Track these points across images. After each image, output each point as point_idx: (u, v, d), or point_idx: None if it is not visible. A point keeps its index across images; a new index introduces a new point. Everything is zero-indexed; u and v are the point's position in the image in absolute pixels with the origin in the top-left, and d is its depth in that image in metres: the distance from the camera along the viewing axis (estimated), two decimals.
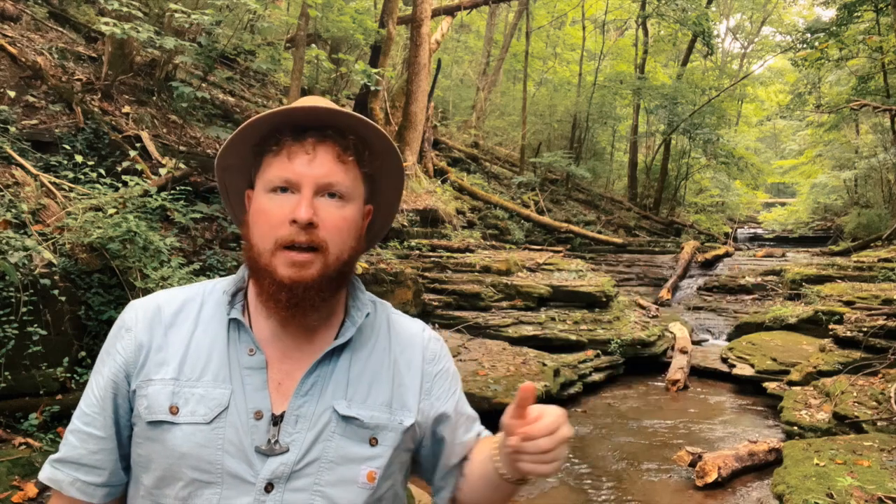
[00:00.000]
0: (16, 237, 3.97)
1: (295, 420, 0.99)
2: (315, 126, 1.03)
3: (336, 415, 1.01)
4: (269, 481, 0.96)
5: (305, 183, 0.99)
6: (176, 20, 6.42)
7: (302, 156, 1.00)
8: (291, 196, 0.99)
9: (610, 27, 23.36)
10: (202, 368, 1.00)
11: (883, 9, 13.24)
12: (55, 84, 6.05)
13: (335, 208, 1.01)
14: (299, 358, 1.04)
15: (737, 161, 19.87)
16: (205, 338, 1.03)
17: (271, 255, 0.99)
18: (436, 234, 10.61)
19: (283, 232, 0.98)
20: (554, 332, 8.07)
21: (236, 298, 1.07)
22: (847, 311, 7.83)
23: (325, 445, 0.99)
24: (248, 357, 1.02)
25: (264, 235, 1.00)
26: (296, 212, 0.97)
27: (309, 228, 0.98)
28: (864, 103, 12.15)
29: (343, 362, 1.05)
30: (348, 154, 1.03)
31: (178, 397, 0.98)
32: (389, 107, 12.22)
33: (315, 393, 1.01)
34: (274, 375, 1.02)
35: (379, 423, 1.03)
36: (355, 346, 1.07)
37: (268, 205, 1.00)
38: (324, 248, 0.99)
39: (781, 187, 30.62)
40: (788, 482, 4.11)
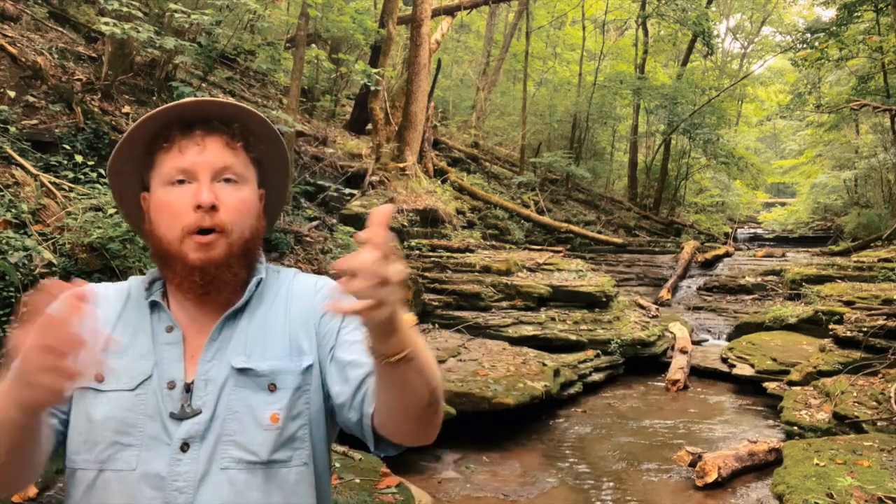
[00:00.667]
0: (16, 237, 3.97)
1: (204, 384, 1.07)
2: (200, 119, 1.11)
3: (233, 370, 1.08)
4: (185, 441, 1.04)
5: (201, 170, 1.08)
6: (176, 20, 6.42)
7: (193, 147, 1.08)
8: (190, 185, 1.07)
9: (610, 27, 23.36)
10: (127, 344, 1.09)
11: (883, 9, 13.24)
12: (55, 84, 6.05)
13: (232, 191, 1.10)
14: (208, 331, 1.12)
15: (737, 161, 19.88)
16: (131, 319, 1.12)
17: (180, 242, 1.07)
18: (436, 234, 10.61)
19: (189, 219, 1.06)
20: (554, 332, 8.07)
21: (154, 286, 1.15)
22: (847, 311, 7.83)
23: (228, 399, 1.06)
24: (167, 334, 1.11)
25: (171, 226, 1.07)
26: (198, 197, 1.05)
27: (212, 212, 1.06)
28: (864, 103, 12.15)
29: (242, 324, 1.13)
30: (236, 141, 1.12)
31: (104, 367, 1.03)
32: (389, 107, 12.22)
33: (219, 357, 1.09)
34: (189, 349, 1.10)
35: (275, 369, 1.09)
36: (252, 308, 1.15)
37: (169, 197, 1.08)
38: (227, 230, 1.08)
39: (781, 187, 30.61)
40: (788, 482, 4.11)
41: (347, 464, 4.29)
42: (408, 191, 10.57)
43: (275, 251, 6.24)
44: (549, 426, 6.52)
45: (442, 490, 4.89)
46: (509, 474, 5.27)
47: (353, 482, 4.02)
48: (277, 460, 1.07)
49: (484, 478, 5.17)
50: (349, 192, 8.67)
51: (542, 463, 5.57)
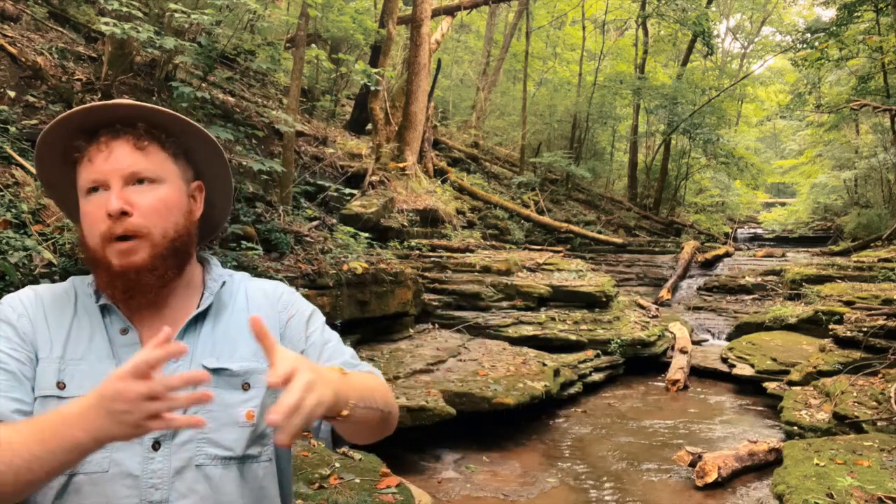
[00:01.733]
0: (16, 237, 3.97)
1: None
2: (104, 124, 1.09)
3: (207, 370, 1.07)
4: (156, 440, 1.04)
5: (111, 177, 1.07)
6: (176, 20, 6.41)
7: (99, 154, 1.08)
8: (104, 193, 1.07)
9: (610, 27, 23.35)
10: (85, 349, 1.08)
11: (883, 9, 13.24)
12: (55, 84, 6.05)
13: (147, 191, 1.08)
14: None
15: (737, 161, 19.87)
16: (84, 323, 1.11)
17: (102, 249, 1.07)
18: (436, 234, 10.61)
19: (104, 227, 1.06)
20: (554, 332, 8.07)
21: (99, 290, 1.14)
22: (847, 311, 7.83)
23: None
24: (122, 336, 1.10)
25: (91, 234, 1.08)
26: (107, 205, 1.05)
27: (123, 217, 1.05)
28: (864, 103, 12.14)
29: (207, 327, 1.15)
30: (143, 141, 1.10)
31: (64, 374, 1.06)
32: (389, 107, 12.22)
33: (186, 358, 1.09)
34: None
35: (248, 369, 1.12)
36: (216, 312, 1.17)
37: (86, 207, 1.09)
38: (144, 233, 1.07)
39: (781, 187, 30.60)
40: (788, 482, 4.11)
41: (347, 464, 4.29)
42: (408, 191, 10.57)
43: (275, 251, 6.24)
44: (549, 426, 6.52)
45: (442, 490, 4.89)
46: (509, 474, 5.28)
47: (353, 482, 4.02)
48: (250, 455, 1.11)
49: (484, 478, 5.17)
50: (349, 192, 8.66)
51: (542, 463, 5.57)
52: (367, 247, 7.72)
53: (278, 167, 6.74)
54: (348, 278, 6.33)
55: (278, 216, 6.75)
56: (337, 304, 6.14)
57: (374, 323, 6.94)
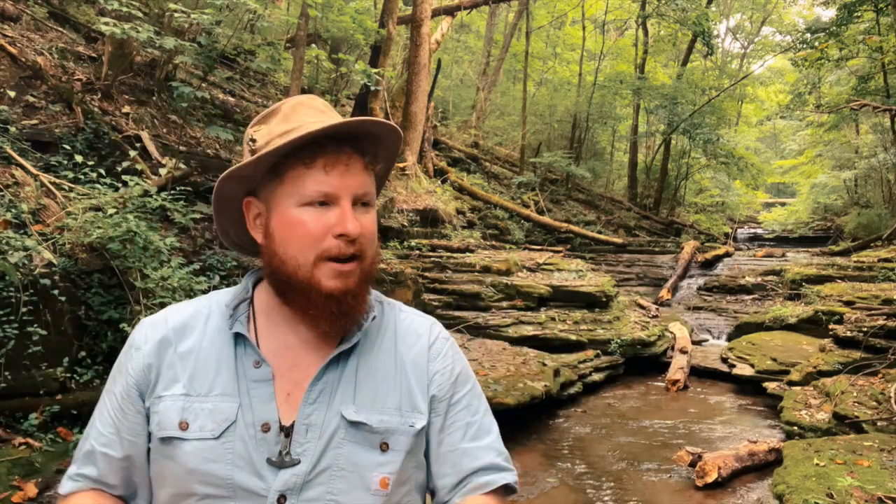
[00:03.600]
0: (16, 237, 3.97)
1: (305, 430, 0.98)
2: (350, 136, 1.02)
3: (344, 421, 0.99)
4: (282, 493, 0.95)
5: (344, 195, 0.99)
6: (176, 20, 6.42)
7: (339, 168, 1.00)
8: (330, 208, 0.99)
9: (610, 27, 23.36)
10: (211, 383, 1.00)
11: (883, 9, 13.23)
12: (55, 84, 6.05)
13: (366, 215, 1.03)
14: (307, 366, 1.03)
15: (737, 161, 19.87)
16: (212, 351, 1.03)
17: (312, 267, 0.98)
18: (436, 234, 10.61)
19: (327, 245, 0.98)
20: (554, 332, 8.07)
21: (238, 311, 1.06)
22: (847, 311, 7.83)
23: (335, 453, 0.98)
24: (254, 370, 1.01)
25: (304, 249, 0.98)
26: (343, 225, 0.98)
27: (354, 240, 0.99)
28: (864, 103, 12.14)
29: (350, 366, 1.04)
30: (375, 163, 1.06)
31: (188, 413, 0.98)
32: (389, 107, 12.22)
33: (324, 400, 1.00)
34: (283, 386, 1.01)
35: (389, 427, 1.01)
36: (362, 348, 1.05)
37: (305, 218, 0.99)
38: (362, 256, 1.01)
39: (781, 187, 30.60)
40: (788, 482, 4.11)
41: None
42: (408, 191, 10.57)
43: None
44: (549, 426, 6.52)
45: None
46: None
47: None
48: None
49: None
50: None
51: (542, 463, 5.57)
52: None
53: None
54: None
55: None
56: None
57: None
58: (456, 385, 1.10)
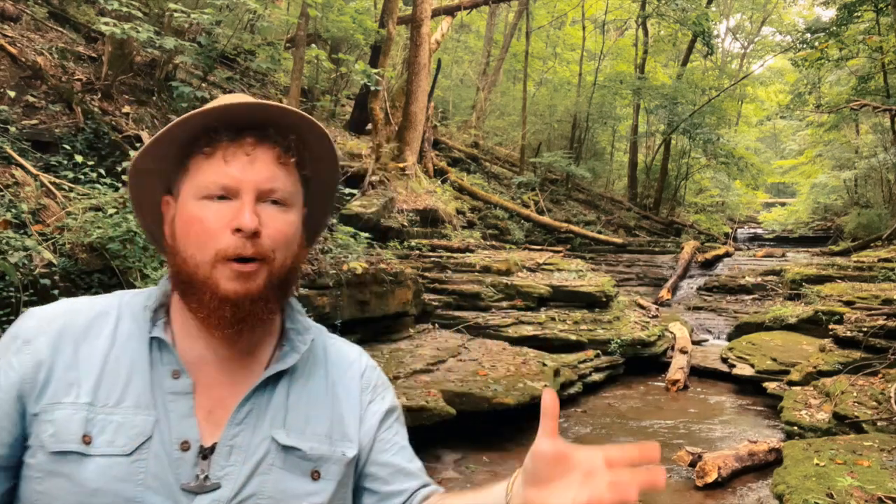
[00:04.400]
0: (16, 237, 3.97)
1: (229, 452, 0.89)
2: (254, 125, 0.92)
3: (276, 444, 0.91)
4: None
5: (246, 188, 0.90)
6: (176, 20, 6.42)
7: (241, 157, 0.90)
8: (230, 203, 0.90)
9: (610, 27, 23.36)
10: (121, 392, 0.88)
11: (883, 9, 13.24)
12: (55, 84, 6.05)
13: (278, 214, 0.92)
14: (232, 383, 0.93)
15: (737, 161, 19.89)
16: (123, 357, 0.90)
17: (211, 267, 0.89)
18: (436, 234, 10.61)
19: (225, 242, 0.88)
20: (554, 332, 8.07)
21: (158, 315, 0.95)
22: (847, 311, 7.83)
23: (262, 479, 0.89)
24: (173, 381, 0.90)
25: (202, 247, 0.89)
26: (239, 220, 0.88)
27: (253, 238, 0.89)
28: (864, 103, 12.14)
29: (281, 389, 0.96)
30: (289, 155, 0.94)
31: (93, 425, 0.85)
32: (389, 107, 12.22)
33: (251, 422, 0.92)
34: (203, 402, 0.91)
35: (322, 455, 0.94)
36: (294, 372, 0.98)
37: (202, 213, 0.89)
38: (269, 258, 0.91)
39: (781, 187, 30.61)
40: (788, 482, 4.11)
41: None
42: (408, 191, 10.57)
43: None
44: None
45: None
46: (509, 474, 5.25)
47: None
48: None
49: (484, 478, 5.17)
50: (349, 192, 8.67)
51: None
52: (367, 247, 7.72)
53: None
54: (348, 278, 6.33)
55: None
56: (337, 304, 6.14)
57: (374, 323, 6.94)
58: (389, 414, 1.06)
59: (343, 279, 6.26)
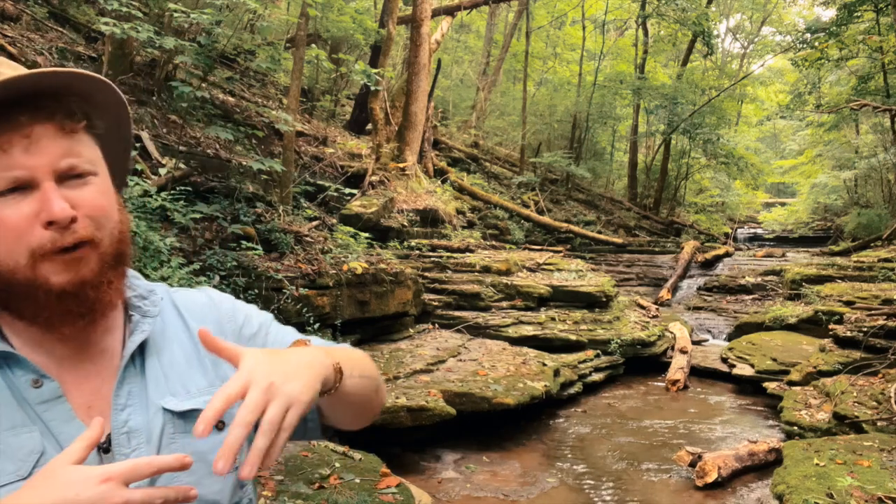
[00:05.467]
0: None
1: (127, 438, 0.86)
2: (22, 100, 0.81)
3: (170, 414, 0.89)
4: None
5: (40, 174, 0.80)
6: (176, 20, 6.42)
7: (20, 142, 0.80)
8: (26, 194, 0.80)
9: (610, 27, 23.36)
10: None
11: (883, 9, 13.24)
12: None
13: (85, 187, 0.84)
14: (98, 371, 0.88)
15: (737, 161, 19.89)
16: None
17: (31, 269, 0.81)
18: (436, 234, 10.61)
19: (38, 240, 0.80)
20: (554, 332, 8.07)
21: None
22: (847, 311, 7.83)
23: (171, 450, 0.88)
24: (36, 390, 0.83)
25: (12, 250, 0.80)
26: (48, 211, 0.79)
27: (71, 225, 0.81)
28: (864, 103, 12.14)
29: (151, 358, 0.92)
30: (76, 121, 0.84)
31: None
32: (389, 107, 12.22)
33: (135, 402, 0.88)
34: (79, 400, 0.86)
35: None
36: (154, 336, 0.94)
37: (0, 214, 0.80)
38: (95, 238, 0.84)
39: (781, 187, 30.60)
40: (788, 482, 4.11)
41: (347, 464, 4.29)
42: (408, 191, 10.57)
43: (275, 251, 6.24)
44: (549, 426, 6.52)
45: (442, 490, 4.89)
46: (509, 474, 5.28)
47: (353, 482, 4.02)
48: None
49: (484, 478, 5.17)
50: (349, 192, 8.67)
51: (542, 463, 5.57)
52: (367, 247, 7.72)
53: (278, 167, 6.74)
54: (348, 278, 6.33)
55: (278, 216, 6.75)
56: (337, 304, 6.14)
57: (374, 323, 6.94)
58: (261, 328, 1.05)
59: (343, 279, 6.26)
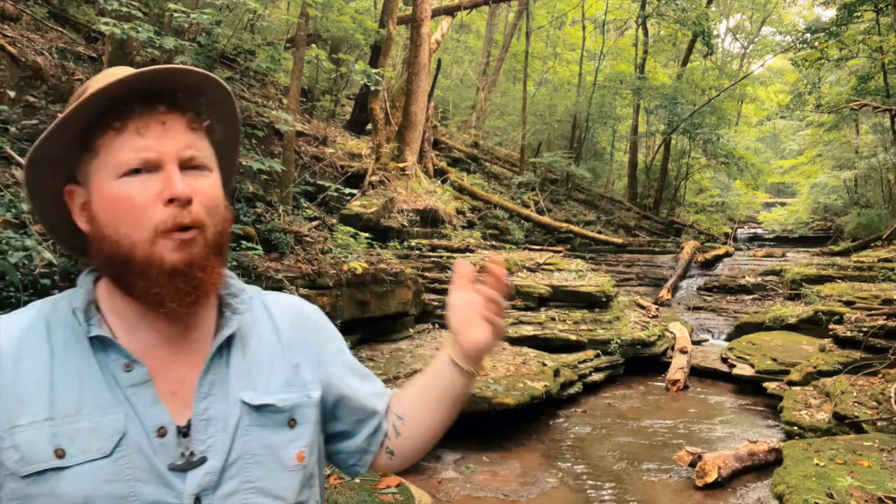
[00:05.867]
0: (16, 237, 3.97)
1: (205, 425, 0.91)
2: (163, 91, 0.90)
3: (247, 406, 0.94)
4: (196, 495, 0.87)
5: (167, 158, 0.88)
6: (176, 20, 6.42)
7: (155, 127, 0.88)
8: (153, 175, 0.88)
9: (610, 27, 23.36)
10: (78, 399, 0.86)
11: (883, 9, 13.24)
12: (55, 84, 6.05)
13: (202, 179, 0.92)
14: (186, 360, 0.94)
15: (737, 161, 19.88)
16: (68, 365, 0.88)
17: (151, 244, 0.87)
18: (436, 234, 10.61)
19: (161, 215, 0.87)
20: (554, 332, 8.07)
21: (89, 314, 0.92)
22: (847, 311, 7.83)
23: (244, 440, 0.93)
24: (127, 374, 0.89)
25: (135, 224, 0.87)
26: (171, 189, 0.86)
27: (188, 206, 0.88)
28: (864, 103, 12.14)
29: (236, 352, 0.98)
30: (202, 119, 0.94)
31: (61, 438, 0.84)
32: (389, 107, 12.22)
33: (217, 392, 0.93)
34: (164, 386, 0.91)
35: (293, 403, 0.98)
36: (242, 333, 0.99)
37: (127, 190, 0.87)
38: (204, 224, 0.90)
39: (781, 187, 30.60)
40: (788, 482, 4.11)
41: None
42: (408, 191, 10.57)
43: (275, 251, 6.24)
44: (549, 426, 6.52)
45: (442, 490, 4.89)
46: (509, 474, 5.28)
47: (353, 482, 4.02)
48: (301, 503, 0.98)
49: (484, 478, 5.17)
50: (349, 192, 8.67)
51: (542, 463, 5.57)
52: (367, 247, 7.72)
53: (278, 167, 6.74)
54: (348, 278, 6.33)
55: (278, 216, 6.75)
56: (337, 304, 6.14)
57: (374, 323, 6.94)
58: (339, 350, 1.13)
59: (343, 279, 6.26)
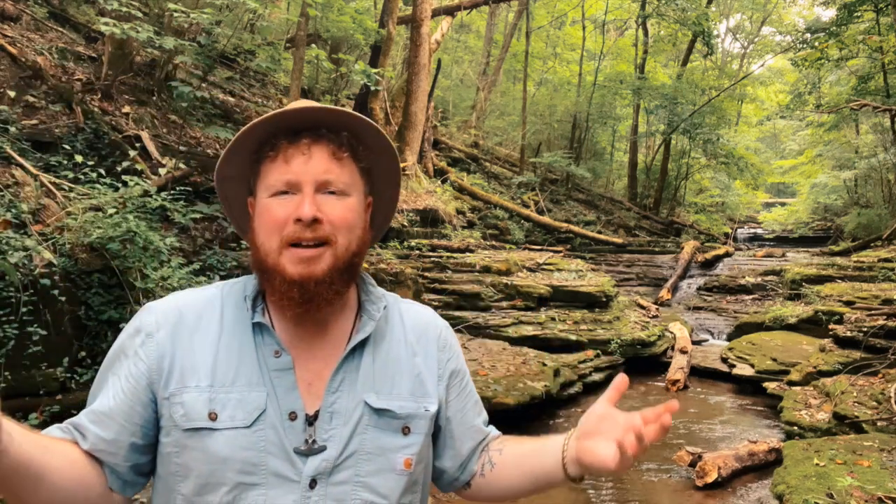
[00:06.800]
0: (16, 237, 3.97)
1: (330, 417, 1.03)
2: (308, 127, 1.06)
3: (368, 408, 1.05)
4: (313, 478, 1.00)
5: (305, 182, 1.03)
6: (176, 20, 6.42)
7: (299, 157, 1.04)
8: (293, 196, 1.03)
9: (610, 27, 23.36)
10: (234, 373, 1.03)
11: (883, 9, 13.24)
12: (55, 84, 6.04)
13: (336, 202, 1.05)
14: (323, 356, 1.07)
15: (737, 161, 19.89)
16: (233, 342, 1.05)
17: (278, 254, 1.02)
18: (436, 234, 10.61)
19: (288, 230, 1.01)
20: (554, 332, 8.07)
21: (256, 302, 1.09)
22: (847, 311, 7.83)
23: (361, 438, 1.04)
24: (275, 359, 1.04)
25: (270, 235, 1.03)
26: (299, 210, 1.01)
27: (314, 225, 1.01)
28: (864, 103, 12.15)
29: (367, 356, 1.09)
30: (343, 151, 1.07)
31: (216, 403, 1.00)
32: (389, 107, 12.22)
33: (345, 389, 1.06)
34: (303, 375, 1.05)
35: (409, 413, 1.08)
36: (375, 338, 1.11)
37: (270, 207, 1.04)
38: (332, 242, 1.03)
39: (781, 187, 30.62)
40: (788, 482, 4.11)
41: None
42: (408, 191, 10.57)
43: None
44: (549, 426, 6.52)
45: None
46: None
47: None
48: None
49: None
50: None
51: None
52: None
53: None
54: None
55: None
56: None
57: None
58: (461, 372, 1.22)
59: None
